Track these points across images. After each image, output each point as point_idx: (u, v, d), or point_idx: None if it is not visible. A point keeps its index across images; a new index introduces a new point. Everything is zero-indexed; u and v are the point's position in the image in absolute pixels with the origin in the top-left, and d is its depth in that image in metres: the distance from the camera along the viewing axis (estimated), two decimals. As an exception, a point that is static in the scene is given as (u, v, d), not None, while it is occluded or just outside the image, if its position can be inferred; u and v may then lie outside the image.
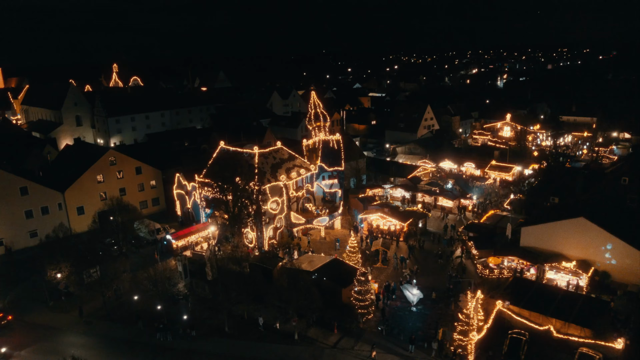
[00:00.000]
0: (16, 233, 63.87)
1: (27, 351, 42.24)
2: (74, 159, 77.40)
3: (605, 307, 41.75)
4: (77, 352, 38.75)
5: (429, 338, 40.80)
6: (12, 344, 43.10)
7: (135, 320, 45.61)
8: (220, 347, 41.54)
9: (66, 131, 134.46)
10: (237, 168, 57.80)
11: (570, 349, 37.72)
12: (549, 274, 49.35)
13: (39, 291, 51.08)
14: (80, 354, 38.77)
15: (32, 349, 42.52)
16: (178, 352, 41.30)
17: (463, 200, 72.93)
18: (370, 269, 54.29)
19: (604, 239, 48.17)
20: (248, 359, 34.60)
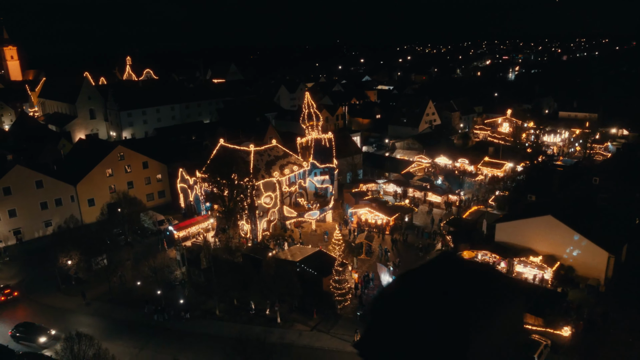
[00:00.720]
0: (32, 223, 69.74)
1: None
2: (86, 153, 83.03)
3: (559, 299, 45.67)
4: (83, 330, 44.11)
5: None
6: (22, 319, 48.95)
7: (143, 305, 50.73)
8: (211, 328, 46.55)
9: (80, 124, 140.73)
10: (233, 165, 62.53)
11: (524, 336, 41.79)
12: (518, 268, 53.24)
13: (51, 276, 56.51)
14: (85, 331, 44.12)
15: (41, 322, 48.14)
16: (173, 332, 46.45)
17: (451, 196, 76.75)
18: (356, 260, 58.99)
19: (569, 236, 51.81)
20: (233, 339, 39.33)
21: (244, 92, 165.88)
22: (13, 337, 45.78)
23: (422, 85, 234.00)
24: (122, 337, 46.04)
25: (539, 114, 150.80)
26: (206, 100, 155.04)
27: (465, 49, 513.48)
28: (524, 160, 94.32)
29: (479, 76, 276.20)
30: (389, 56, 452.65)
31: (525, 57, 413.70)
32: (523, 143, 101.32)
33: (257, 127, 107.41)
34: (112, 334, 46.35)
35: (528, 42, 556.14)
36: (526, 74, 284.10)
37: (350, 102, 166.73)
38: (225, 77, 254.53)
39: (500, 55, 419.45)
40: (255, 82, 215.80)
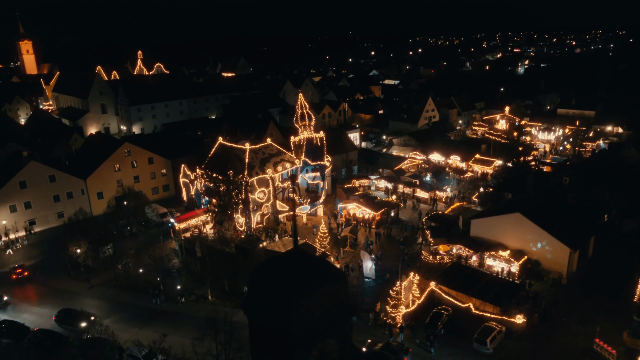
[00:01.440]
0: (46, 214, 75.85)
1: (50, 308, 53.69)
2: (95, 149, 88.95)
3: (517, 290, 50.19)
4: (88, 310, 49.91)
5: (370, 310, 50.11)
6: (33, 300, 54.89)
7: (146, 290, 56.26)
8: (203, 311, 51.88)
9: (92, 118, 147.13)
10: (229, 163, 67.72)
11: (483, 323, 46.53)
12: (488, 261, 57.70)
13: (62, 263, 62.42)
14: (91, 311, 50.04)
15: (54, 304, 54.00)
16: (169, 314, 52.01)
17: (438, 192, 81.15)
18: (342, 251, 64.00)
19: (535, 232, 56.12)
20: (221, 320, 44.49)
21: (250, 88, 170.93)
22: (57, 321, 50.33)
23: (428, 80, 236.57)
24: (124, 317, 51.71)
25: (540, 111, 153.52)
26: (213, 96, 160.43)
27: (478, 41, 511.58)
28: (515, 157, 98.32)
29: (488, 70, 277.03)
30: (400, 48, 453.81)
31: (538, 50, 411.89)
32: (515, 140, 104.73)
33: (259, 124, 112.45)
34: (115, 314, 52.05)
35: (542, 35, 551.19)
36: (536, 68, 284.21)
37: (355, 97, 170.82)
38: (235, 70, 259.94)
39: (513, 48, 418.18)
40: (263, 77, 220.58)
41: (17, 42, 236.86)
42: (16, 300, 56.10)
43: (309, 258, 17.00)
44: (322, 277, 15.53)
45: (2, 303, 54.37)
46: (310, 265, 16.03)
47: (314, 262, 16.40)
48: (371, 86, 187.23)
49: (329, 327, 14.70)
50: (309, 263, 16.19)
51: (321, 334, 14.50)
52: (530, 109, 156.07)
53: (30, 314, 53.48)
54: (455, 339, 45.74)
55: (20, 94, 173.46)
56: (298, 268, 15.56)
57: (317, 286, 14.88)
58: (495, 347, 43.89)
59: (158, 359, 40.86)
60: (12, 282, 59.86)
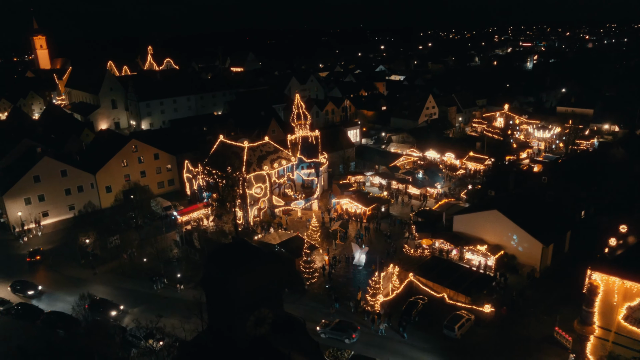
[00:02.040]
0: (58, 206, 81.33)
1: (61, 292, 59.07)
2: (104, 145, 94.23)
3: (488, 282, 54.29)
4: (96, 294, 55.13)
5: (352, 298, 54.58)
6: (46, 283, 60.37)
7: (148, 278, 61.43)
8: (199, 297, 56.82)
9: (103, 114, 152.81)
10: (227, 160, 72.44)
11: (454, 312, 50.77)
12: (467, 255, 61.81)
13: (73, 252, 67.76)
14: (97, 293, 55.33)
15: (64, 291, 59.33)
16: (168, 299, 57.03)
17: (429, 189, 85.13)
18: (335, 243, 68.45)
19: (511, 228, 60.04)
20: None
21: (256, 84, 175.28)
22: (90, 309, 54.00)
23: (434, 76, 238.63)
24: (127, 301, 56.84)
25: (541, 108, 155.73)
26: (220, 92, 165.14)
27: (490, 35, 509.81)
28: (502, 156, 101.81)
29: (495, 65, 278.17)
30: (410, 42, 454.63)
31: (549, 44, 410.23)
32: (507, 138, 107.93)
33: (262, 120, 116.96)
34: (120, 299, 57.18)
35: (556, 28, 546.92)
36: (544, 63, 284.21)
37: (359, 93, 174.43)
38: (244, 65, 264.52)
39: (524, 43, 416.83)
40: (271, 72, 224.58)
41: (31, 37, 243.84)
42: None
43: (247, 247, 21.44)
44: (256, 261, 19.95)
45: (37, 292, 59.19)
46: (247, 252, 20.44)
47: (250, 250, 20.78)
48: (376, 82, 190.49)
49: (262, 298, 19.11)
50: (246, 250, 20.61)
51: (256, 304, 18.91)
52: (532, 106, 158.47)
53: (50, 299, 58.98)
54: (428, 325, 50.07)
55: (34, 89, 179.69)
56: (237, 255, 19.98)
57: (250, 268, 19.29)
58: (463, 333, 48.15)
59: (155, 338, 45.75)
60: (28, 264, 65.88)
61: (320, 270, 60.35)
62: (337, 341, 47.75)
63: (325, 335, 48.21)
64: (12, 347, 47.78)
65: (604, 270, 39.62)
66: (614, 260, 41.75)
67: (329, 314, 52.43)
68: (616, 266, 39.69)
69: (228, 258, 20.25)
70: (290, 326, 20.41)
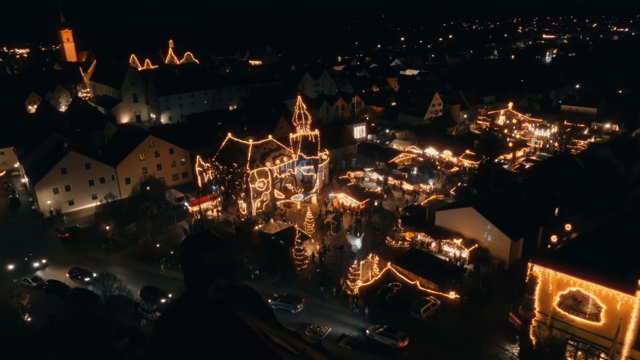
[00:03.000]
0: (82, 196, 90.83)
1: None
2: (124, 139, 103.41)
3: (456, 271, 61.21)
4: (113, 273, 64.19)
5: (335, 283, 62.23)
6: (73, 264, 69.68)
7: (157, 259, 70.30)
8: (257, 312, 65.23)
9: (125, 107, 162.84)
10: (233, 156, 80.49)
11: (423, 297, 57.99)
12: (445, 247, 68.74)
13: (95, 237, 77.04)
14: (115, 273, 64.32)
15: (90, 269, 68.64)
16: (173, 279, 65.51)
17: (422, 185, 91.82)
18: (330, 234, 76.02)
19: (484, 224, 66.65)
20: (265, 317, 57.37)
21: (271, 79, 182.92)
22: (141, 296, 61.96)
23: (450, 70, 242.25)
24: (140, 280, 65.66)
25: (549, 106, 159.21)
26: (236, 86, 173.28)
27: (514, 26, 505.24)
28: (504, 153, 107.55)
29: (513, 59, 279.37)
30: (430, 34, 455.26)
31: (573, 36, 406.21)
32: (506, 136, 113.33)
33: (272, 117, 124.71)
34: (133, 278, 66.04)
35: (583, 19, 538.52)
36: (563, 57, 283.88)
37: (371, 89, 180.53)
38: (262, 58, 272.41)
39: (547, 34, 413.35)
40: (288, 66, 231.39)
41: (59, 31, 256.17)
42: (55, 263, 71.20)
43: (210, 235, 29.06)
44: (214, 246, 27.52)
45: (92, 279, 66.91)
46: (209, 239, 28.02)
47: (212, 238, 28.34)
48: (388, 78, 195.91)
49: (219, 272, 26.65)
50: (209, 238, 28.19)
51: (214, 276, 26.45)
52: (540, 103, 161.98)
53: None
54: (399, 308, 57.40)
55: (61, 81, 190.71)
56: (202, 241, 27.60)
57: (210, 251, 26.84)
58: (428, 316, 55.38)
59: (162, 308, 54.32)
60: (60, 239, 76.71)
61: (311, 258, 68.12)
62: (285, 311, 56.71)
63: (275, 306, 56.92)
64: (44, 316, 57.01)
65: (541, 263, 46.29)
66: (551, 254, 48.27)
67: (311, 294, 60.41)
68: (551, 260, 46.32)
69: (196, 243, 27.92)
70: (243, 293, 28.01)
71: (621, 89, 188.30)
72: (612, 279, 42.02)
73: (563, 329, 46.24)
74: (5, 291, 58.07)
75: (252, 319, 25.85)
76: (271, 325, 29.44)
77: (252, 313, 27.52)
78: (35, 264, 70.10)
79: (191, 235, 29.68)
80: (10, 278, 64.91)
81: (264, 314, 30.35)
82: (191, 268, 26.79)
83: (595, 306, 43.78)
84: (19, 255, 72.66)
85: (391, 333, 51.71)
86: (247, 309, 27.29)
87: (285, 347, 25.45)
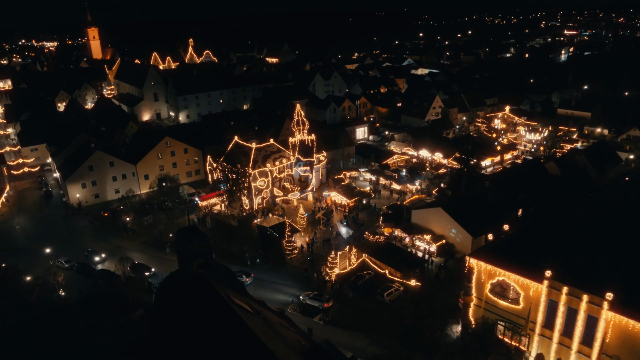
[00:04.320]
0: (106, 190, 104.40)
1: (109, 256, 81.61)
2: (144, 139, 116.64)
3: (420, 263, 72.26)
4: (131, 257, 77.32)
5: (317, 271, 73.95)
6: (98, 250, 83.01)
7: (165, 246, 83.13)
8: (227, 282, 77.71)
9: (146, 105, 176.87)
10: (237, 158, 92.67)
11: (389, 283, 69.30)
12: (417, 242, 79.76)
13: (117, 227, 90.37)
14: (133, 257, 77.37)
15: (109, 255, 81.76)
16: (167, 260, 77.92)
17: (409, 185, 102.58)
18: (319, 229, 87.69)
19: (451, 222, 77.41)
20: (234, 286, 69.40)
21: (284, 79, 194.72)
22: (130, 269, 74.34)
23: (462, 68, 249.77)
24: (152, 263, 78.52)
25: (550, 108, 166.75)
26: (250, 86, 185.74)
27: (537, 21, 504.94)
28: (491, 156, 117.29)
29: (527, 58, 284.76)
30: (450, 29, 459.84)
31: (596, 32, 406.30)
32: (494, 140, 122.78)
33: (279, 118, 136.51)
34: (147, 261, 78.96)
35: (609, 13, 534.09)
36: (579, 56, 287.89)
37: (379, 89, 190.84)
38: (279, 56, 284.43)
39: (570, 30, 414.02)
40: (302, 64, 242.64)
41: (86, 30, 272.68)
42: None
43: (195, 229, 40.90)
44: (195, 236, 39.42)
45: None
46: (193, 232, 39.85)
47: (196, 231, 40.11)
48: (397, 79, 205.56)
49: (199, 253, 38.50)
50: (193, 231, 40.02)
51: (196, 257, 38.32)
52: (542, 105, 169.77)
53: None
54: (368, 292, 68.79)
55: (87, 79, 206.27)
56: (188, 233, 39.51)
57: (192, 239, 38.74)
58: (391, 299, 66.68)
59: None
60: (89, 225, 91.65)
61: (299, 249, 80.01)
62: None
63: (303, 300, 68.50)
64: (75, 291, 70.34)
65: (476, 257, 57.13)
66: (483, 249, 59.02)
67: (297, 279, 72.46)
68: (483, 254, 57.12)
69: (184, 234, 39.86)
70: (218, 270, 39.74)
71: (627, 90, 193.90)
72: (527, 270, 52.69)
73: (494, 312, 57.10)
74: (45, 270, 71.44)
75: (222, 287, 37.48)
76: (240, 293, 41.19)
77: (223, 283, 39.26)
78: (96, 257, 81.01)
79: (181, 228, 41.09)
80: (47, 260, 78.47)
81: (236, 286, 42.24)
82: (181, 251, 38.68)
83: (515, 292, 54.51)
84: (53, 241, 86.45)
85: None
86: (220, 280, 39.00)
87: (245, 307, 37.00)
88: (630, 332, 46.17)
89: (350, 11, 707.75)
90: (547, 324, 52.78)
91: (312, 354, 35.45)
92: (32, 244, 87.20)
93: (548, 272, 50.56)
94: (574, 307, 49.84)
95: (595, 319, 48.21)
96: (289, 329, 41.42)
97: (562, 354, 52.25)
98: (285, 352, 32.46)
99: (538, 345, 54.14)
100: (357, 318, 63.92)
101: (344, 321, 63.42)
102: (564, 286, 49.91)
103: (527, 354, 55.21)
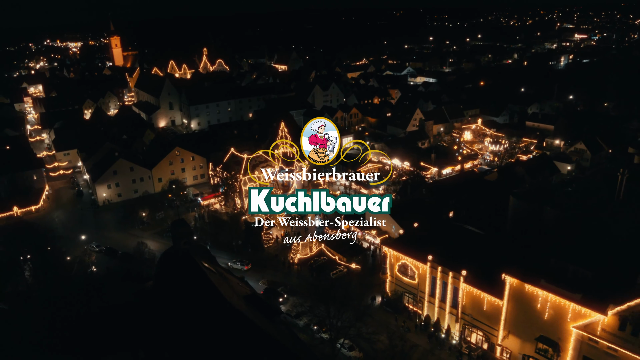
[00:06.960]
0: (127, 191, 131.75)
1: (127, 243, 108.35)
2: (158, 147, 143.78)
3: (363, 251, 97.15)
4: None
5: (285, 256, 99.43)
6: (119, 239, 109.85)
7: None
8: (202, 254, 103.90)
9: (162, 113, 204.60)
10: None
11: (336, 266, 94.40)
12: (366, 236, 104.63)
13: (134, 221, 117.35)
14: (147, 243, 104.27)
15: (128, 242, 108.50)
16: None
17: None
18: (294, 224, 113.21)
19: (394, 223, 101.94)
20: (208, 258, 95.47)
21: (286, 90, 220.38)
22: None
23: (458, 77, 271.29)
24: (161, 248, 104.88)
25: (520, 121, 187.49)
26: (255, 97, 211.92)
27: (552, 22, 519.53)
28: (452, 165, 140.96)
29: (525, 66, 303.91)
30: (463, 31, 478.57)
31: (607, 36, 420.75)
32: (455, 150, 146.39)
33: (274, 130, 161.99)
34: (157, 249, 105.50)
35: (627, 14, 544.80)
36: (578, 64, 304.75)
37: (372, 100, 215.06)
38: (287, 63, 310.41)
39: (580, 33, 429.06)
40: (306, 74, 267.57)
41: (109, 38, 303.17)
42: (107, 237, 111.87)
43: (182, 221, 66.43)
44: (182, 225, 64.90)
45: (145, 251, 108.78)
46: (181, 223, 65.32)
47: (182, 222, 65.51)
48: (391, 89, 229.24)
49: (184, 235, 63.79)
50: (181, 222, 65.44)
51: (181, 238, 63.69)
52: (518, 117, 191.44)
53: (119, 246, 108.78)
54: (321, 272, 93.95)
55: (110, 87, 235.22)
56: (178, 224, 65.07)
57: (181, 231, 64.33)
58: (336, 277, 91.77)
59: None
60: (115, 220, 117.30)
61: (275, 239, 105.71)
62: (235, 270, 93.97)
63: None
64: (103, 268, 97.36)
65: (388, 246, 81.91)
66: (394, 240, 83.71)
67: (271, 263, 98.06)
68: (392, 244, 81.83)
69: (176, 224, 65.60)
70: (197, 248, 65.03)
71: (608, 102, 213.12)
72: (417, 255, 77.23)
73: (401, 286, 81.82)
74: (81, 252, 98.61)
75: (198, 259, 62.89)
76: (212, 264, 66.87)
77: (198, 255, 65.02)
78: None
79: (174, 220, 66.59)
80: (82, 244, 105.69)
81: (211, 260, 68.07)
82: (174, 234, 64.55)
83: (412, 271, 79.15)
84: (84, 230, 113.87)
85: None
86: (198, 254, 64.71)
87: (212, 270, 62.20)
88: (476, 297, 70.57)
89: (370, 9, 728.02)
90: (431, 293, 77.34)
91: (250, 296, 60.85)
92: (69, 232, 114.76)
93: (430, 256, 75.10)
94: (445, 281, 74.36)
95: (457, 288, 72.67)
96: (243, 287, 67.01)
97: (441, 315, 76.81)
98: (231, 294, 57.87)
99: (427, 309, 78.75)
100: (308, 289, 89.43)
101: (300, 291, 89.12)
102: (439, 266, 74.43)
103: (422, 316, 79.86)
